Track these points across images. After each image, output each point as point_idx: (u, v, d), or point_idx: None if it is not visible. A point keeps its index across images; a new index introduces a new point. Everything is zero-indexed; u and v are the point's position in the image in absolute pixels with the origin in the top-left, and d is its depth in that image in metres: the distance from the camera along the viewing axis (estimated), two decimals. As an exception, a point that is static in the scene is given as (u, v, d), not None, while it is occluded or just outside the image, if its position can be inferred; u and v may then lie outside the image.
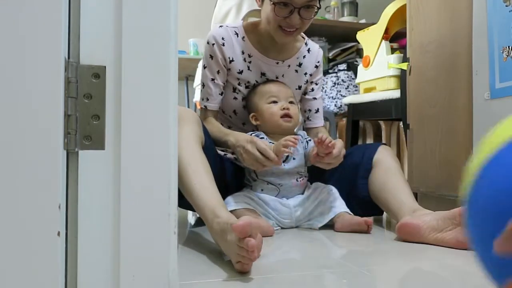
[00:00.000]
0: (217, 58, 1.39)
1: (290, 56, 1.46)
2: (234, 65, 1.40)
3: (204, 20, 2.83)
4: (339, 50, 2.71)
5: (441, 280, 0.82)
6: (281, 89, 1.36)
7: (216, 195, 1.01)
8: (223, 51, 1.39)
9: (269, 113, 1.31)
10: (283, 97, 1.33)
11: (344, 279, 0.83)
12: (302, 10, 1.28)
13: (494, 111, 1.34)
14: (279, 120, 1.31)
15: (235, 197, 1.28)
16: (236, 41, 1.41)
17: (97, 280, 0.51)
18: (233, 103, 1.43)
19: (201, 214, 1.00)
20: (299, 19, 1.29)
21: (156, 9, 0.54)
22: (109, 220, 0.52)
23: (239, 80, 1.41)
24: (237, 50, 1.40)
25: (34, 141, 0.47)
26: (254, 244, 0.78)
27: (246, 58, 1.41)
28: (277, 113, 1.31)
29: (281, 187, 1.31)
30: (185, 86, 3.06)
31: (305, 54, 1.49)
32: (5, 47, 0.47)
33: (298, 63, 1.48)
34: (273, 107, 1.32)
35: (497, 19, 1.33)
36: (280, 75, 1.45)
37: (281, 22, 1.30)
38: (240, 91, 1.42)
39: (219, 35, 1.39)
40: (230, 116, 1.45)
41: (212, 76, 1.40)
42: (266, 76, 1.43)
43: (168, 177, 0.54)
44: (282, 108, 1.31)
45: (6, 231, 0.46)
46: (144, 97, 0.53)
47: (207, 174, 1.06)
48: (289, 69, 1.46)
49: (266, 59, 1.43)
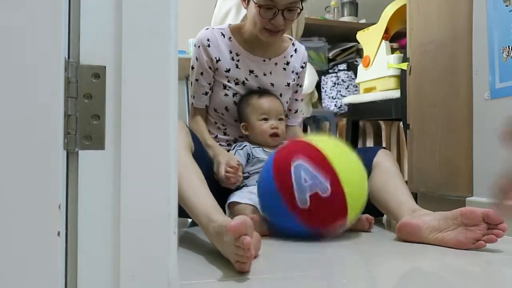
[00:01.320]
0: (202, 60, 1.45)
1: (277, 54, 1.52)
2: (221, 64, 1.45)
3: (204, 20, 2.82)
4: (339, 50, 2.71)
5: (441, 280, 0.82)
6: (272, 107, 1.44)
7: (209, 200, 1.03)
8: (208, 52, 1.44)
9: (259, 130, 1.42)
10: (273, 115, 1.43)
11: (344, 279, 0.83)
12: (285, 12, 1.34)
13: (494, 111, 1.34)
14: (268, 138, 1.41)
15: (238, 193, 1.32)
16: (223, 41, 1.46)
17: (97, 280, 0.51)
18: (224, 99, 1.46)
19: (197, 220, 1.02)
20: (283, 20, 1.35)
21: (156, 9, 0.54)
22: (109, 220, 0.52)
23: (228, 78, 1.46)
24: (224, 50, 1.45)
25: (34, 141, 0.47)
26: (249, 242, 0.79)
27: (234, 57, 1.46)
28: (267, 131, 1.41)
29: None
30: (185, 86, 3.05)
31: (292, 53, 1.55)
32: (5, 47, 0.47)
33: (286, 61, 1.53)
34: (264, 125, 1.42)
35: (497, 19, 1.33)
36: (268, 73, 1.49)
37: (266, 24, 1.36)
38: (230, 87, 1.46)
39: (204, 37, 1.45)
40: (223, 113, 1.48)
41: (196, 77, 1.47)
42: (254, 73, 1.47)
43: (168, 177, 0.54)
44: (272, 127, 1.41)
45: (6, 231, 0.46)
46: (144, 97, 0.53)
47: (199, 180, 1.08)
48: (276, 67, 1.51)
49: (253, 57, 1.47)
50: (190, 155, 1.16)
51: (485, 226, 1.00)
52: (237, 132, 1.49)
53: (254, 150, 1.39)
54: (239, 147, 1.41)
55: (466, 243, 1.01)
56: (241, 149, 1.40)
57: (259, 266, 0.87)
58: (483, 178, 1.38)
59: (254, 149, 1.40)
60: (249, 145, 1.41)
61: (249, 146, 1.41)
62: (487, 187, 1.37)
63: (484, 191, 1.37)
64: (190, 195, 1.03)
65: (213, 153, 1.37)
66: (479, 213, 1.00)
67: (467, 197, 1.42)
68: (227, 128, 1.50)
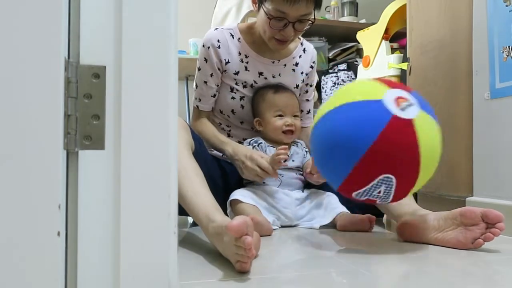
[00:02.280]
0: (211, 62, 1.41)
1: (285, 56, 1.49)
2: (230, 67, 1.42)
3: (204, 20, 2.83)
4: (339, 50, 2.71)
5: (441, 280, 0.82)
6: (288, 103, 1.40)
7: (209, 199, 1.02)
8: (218, 54, 1.41)
9: (274, 127, 1.38)
10: (289, 112, 1.40)
11: (344, 279, 0.83)
12: (296, 23, 1.31)
13: (494, 111, 1.34)
14: (282, 134, 1.38)
15: (240, 191, 1.31)
16: (232, 43, 1.43)
17: (97, 280, 0.51)
18: (231, 103, 1.44)
19: (196, 219, 1.01)
20: (293, 31, 1.33)
21: (156, 9, 0.54)
22: (109, 220, 0.52)
23: (236, 81, 1.43)
24: (233, 52, 1.43)
25: (34, 141, 0.47)
26: (250, 241, 0.78)
27: (243, 59, 1.43)
28: (281, 128, 1.38)
29: (282, 178, 1.36)
30: (185, 86, 3.05)
31: (301, 53, 1.53)
32: (5, 47, 0.47)
33: (295, 62, 1.51)
34: (278, 121, 1.38)
35: (497, 19, 1.33)
36: (277, 74, 1.47)
37: (276, 34, 1.34)
38: (238, 90, 1.43)
39: (214, 38, 1.42)
40: (228, 116, 1.47)
41: (205, 79, 1.43)
42: (263, 76, 1.45)
43: (168, 177, 0.54)
44: (287, 124, 1.38)
45: (6, 231, 0.46)
46: (144, 97, 0.53)
47: (199, 179, 1.07)
48: (285, 68, 1.48)
49: (262, 59, 1.45)
50: (190, 154, 1.15)
51: (484, 226, 1.00)
52: (242, 134, 1.48)
53: (268, 148, 1.38)
54: (255, 143, 1.39)
55: (465, 243, 1.01)
56: (257, 145, 1.38)
57: (259, 266, 0.86)
58: (483, 178, 1.38)
59: (269, 148, 1.38)
60: (264, 143, 1.40)
61: (264, 144, 1.39)
62: (487, 187, 1.37)
63: (484, 191, 1.37)
64: (190, 195, 1.03)
65: (233, 150, 1.33)
66: (478, 212, 1.00)
67: (467, 197, 1.42)
68: (231, 129, 1.49)
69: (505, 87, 1.30)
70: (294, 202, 1.35)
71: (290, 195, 1.35)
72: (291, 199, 1.35)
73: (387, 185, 0.92)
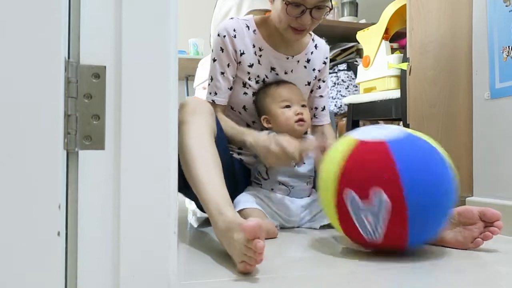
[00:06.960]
0: (227, 51, 1.36)
1: (299, 51, 1.45)
2: (244, 58, 1.37)
3: (204, 20, 2.83)
4: (339, 50, 2.71)
5: (441, 280, 0.82)
6: (293, 93, 1.35)
7: (222, 191, 1.00)
8: (234, 43, 1.36)
9: (284, 118, 1.31)
10: (296, 101, 1.33)
11: (345, 279, 0.83)
12: (313, 10, 1.27)
13: (494, 111, 1.34)
14: (294, 125, 1.31)
15: (243, 196, 1.29)
16: (247, 34, 1.38)
17: (97, 280, 0.51)
18: (243, 98, 1.40)
19: (206, 208, 0.99)
20: (310, 19, 1.28)
21: (156, 9, 0.54)
22: (109, 220, 0.52)
23: (249, 75, 1.38)
24: (248, 43, 1.38)
25: (34, 141, 0.47)
26: (262, 246, 0.78)
27: (257, 52, 1.39)
28: (292, 118, 1.31)
29: (292, 189, 1.33)
30: (185, 86, 3.06)
31: (313, 50, 1.49)
32: (5, 47, 0.47)
33: (307, 59, 1.47)
34: (288, 112, 1.32)
35: (497, 19, 1.33)
36: (289, 71, 1.43)
37: (292, 22, 1.29)
38: (250, 86, 1.39)
39: (230, 27, 1.37)
40: (240, 112, 1.42)
41: (222, 70, 1.37)
42: (275, 71, 1.41)
43: (168, 177, 0.54)
44: (297, 113, 1.31)
45: (6, 231, 0.46)
46: (144, 97, 0.53)
47: (216, 168, 1.04)
48: (298, 65, 1.45)
49: (277, 54, 1.41)
50: (212, 139, 1.10)
51: (482, 225, 1.00)
52: None
53: None
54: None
55: (465, 242, 1.01)
56: None
57: (260, 266, 0.86)
58: (483, 178, 1.38)
59: None
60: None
61: None
62: (487, 187, 1.37)
63: (484, 191, 1.37)
64: (204, 182, 1.00)
65: (253, 139, 1.24)
66: (475, 211, 1.00)
67: (467, 197, 1.42)
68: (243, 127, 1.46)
69: (505, 87, 1.30)
70: (299, 209, 1.32)
71: (295, 202, 1.32)
72: (296, 206, 1.32)
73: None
